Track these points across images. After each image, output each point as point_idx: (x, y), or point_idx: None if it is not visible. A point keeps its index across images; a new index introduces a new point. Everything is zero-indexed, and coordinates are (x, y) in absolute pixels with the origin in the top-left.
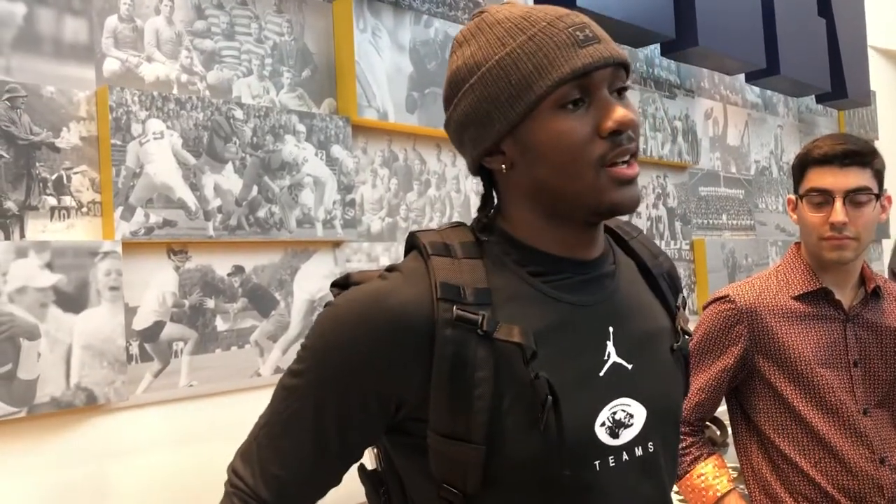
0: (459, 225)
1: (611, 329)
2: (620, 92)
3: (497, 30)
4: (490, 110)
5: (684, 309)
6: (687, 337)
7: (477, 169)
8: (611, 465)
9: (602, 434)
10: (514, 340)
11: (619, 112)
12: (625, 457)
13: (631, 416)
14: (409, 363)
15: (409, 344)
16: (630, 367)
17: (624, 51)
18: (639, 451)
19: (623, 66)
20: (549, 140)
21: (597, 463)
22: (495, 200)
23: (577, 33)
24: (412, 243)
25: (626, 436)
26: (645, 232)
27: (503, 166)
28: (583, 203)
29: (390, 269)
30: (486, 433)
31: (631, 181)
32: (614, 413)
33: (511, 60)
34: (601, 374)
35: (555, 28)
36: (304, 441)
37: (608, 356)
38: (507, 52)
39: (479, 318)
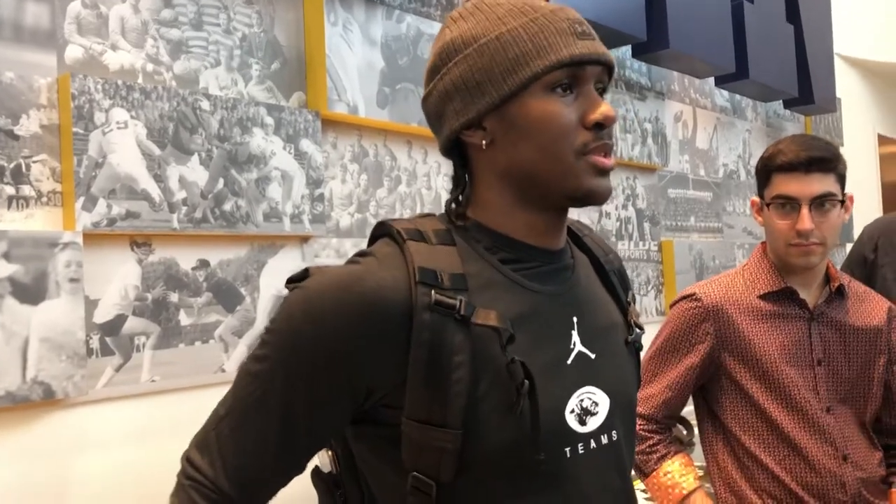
0: (429, 215)
1: (575, 319)
2: (601, 93)
3: (497, 10)
4: (482, 81)
5: (634, 304)
6: (639, 331)
7: (451, 145)
8: (580, 452)
9: (572, 421)
10: (492, 324)
11: (605, 107)
12: (592, 444)
13: (596, 403)
14: (385, 347)
15: (386, 328)
16: (593, 356)
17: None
18: (604, 440)
19: (609, 69)
20: (536, 119)
21: (567, 450)
22: (466, 184)
23: (576, 26)
24: (383, 231)
25: (593, 424)
26: (614, 232)
27: (483, 142)
28: (559, 186)
29: (361, 254)
30: (463, 418)
31: (606, 172)
32: (581, 401)
33: (511, 37)
34: (568, 362)
35: (556, 16)
36: (270, 429)
37: (574, 345)
38: (508, 29)
39: (456, 302)
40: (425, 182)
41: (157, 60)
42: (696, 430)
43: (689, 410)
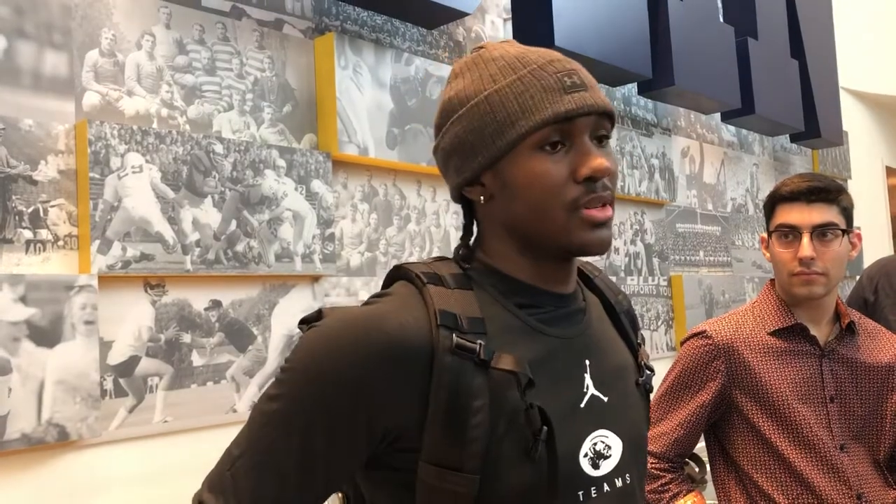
0: (444, 259)
1: (587, 362)
2: (602, 139)
3: (491, 66)
4: (474, 142)
5: (644, 345)
6: (650, 372)
7: (458, 197)
8: (593, 496)
9: (585, 465)
10: (511, 369)
11: (596, 160)
12: (605, 488)
13: (609, 447)
14: (406, 388)
15: (407, 368)
16: (606, 399)
17: (610, 102)
18: (618, 483)
19: (607, 116)
20: (525, 179)
21: (580, 493)
22: (475, 231)
23: (565, 79)
24: (400, 275)
25: (606, 467)
26: (623, 268)
27: (481, 197)
28: (553, 241)
29: (379, 295)
30: (481, 463)
31: (602, 224)
32: (595, 444)
33: (499, 98)
34: (582, 405)
35: (544, 72)
36: (287, 470)
37: (587, 388)
38: (496, 88)
39: (476, 346)
40: (434, 220)
41: (171, 105)
42: (708, 468)
43: (700, 447)
